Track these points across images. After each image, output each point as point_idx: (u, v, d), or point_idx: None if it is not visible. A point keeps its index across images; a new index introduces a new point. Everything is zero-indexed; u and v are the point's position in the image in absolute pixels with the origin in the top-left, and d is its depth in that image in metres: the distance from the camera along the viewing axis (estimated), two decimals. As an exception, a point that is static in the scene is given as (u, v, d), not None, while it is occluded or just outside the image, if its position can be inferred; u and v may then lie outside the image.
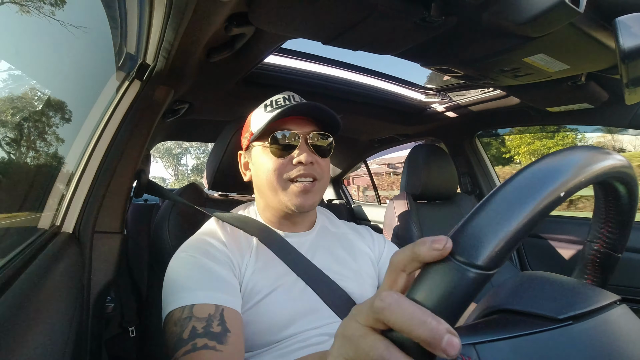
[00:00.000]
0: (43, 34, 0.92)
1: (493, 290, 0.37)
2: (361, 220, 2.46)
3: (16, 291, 0.39)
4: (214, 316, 0.58)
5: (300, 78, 1.27)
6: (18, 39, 0.87)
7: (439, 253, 0.24)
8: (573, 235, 1.44)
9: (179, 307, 0.59)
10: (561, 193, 0.25)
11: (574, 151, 0.29)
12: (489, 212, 0.25)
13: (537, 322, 0.30)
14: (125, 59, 0.91)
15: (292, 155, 0.72)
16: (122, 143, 0.79)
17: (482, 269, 0.23)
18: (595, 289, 0.35)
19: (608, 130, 1.87)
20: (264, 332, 0.66)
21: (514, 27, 0.70)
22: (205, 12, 0.64)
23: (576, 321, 0.29)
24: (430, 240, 0.25)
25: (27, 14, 0.84)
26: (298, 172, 0.71)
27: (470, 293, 0.23)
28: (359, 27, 0.76)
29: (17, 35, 0.87)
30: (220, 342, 0.55)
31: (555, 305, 0.31)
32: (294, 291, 0.70)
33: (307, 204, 0.72)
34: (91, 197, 0.74)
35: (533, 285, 0.35)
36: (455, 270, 0.24)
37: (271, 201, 0.75)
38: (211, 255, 0.68)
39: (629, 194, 0.35)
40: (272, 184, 0.72)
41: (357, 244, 0.86)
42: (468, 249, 0.24)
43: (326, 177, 0.77)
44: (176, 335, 0.57)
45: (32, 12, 0.84)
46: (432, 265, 0.25)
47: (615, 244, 0.39)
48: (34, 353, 0.35)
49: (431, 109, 1.62)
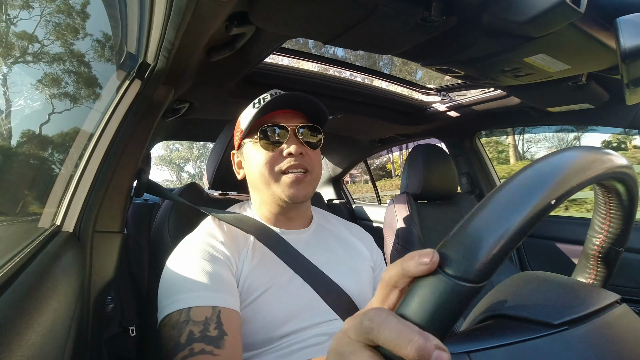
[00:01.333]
0: (44, 33, 0.92)
1: (489, 294, 0.36)
2: (362, 220, 2.46)
3: (16, 290, 0.39)
4: (211, 319, 0.58)
5: (300, 77, 1.27)
6: (19, 39, 0.87)
7: (426, 267, 0.24)
8: (573, 235, 1.44)
9: (177, 310, 0.60)
10: (552, 201, 0.25)
11: (562, 156, 0.28)
12: (477, 223, 0.25)
13: (533, 328, 0.29)
14: (125, 58, 0.91)
15: (282, 148, 0.73)
16: (123, 142, 0.79)
17: (471, 282, 0.23)
18: (594, 290, 0.34)
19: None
20: (262, 330, 0.66)
21: (514, 27, 0.70)
22: (205, 12, 0.64)
23: (572, 326, 0.29)
24: (417, 254, 0.25)
25: (28, 14, 0.84)
26: (289, 164, 0.72)
27: (460, 306, 0.23)
28: (359, 26, 0.76)
29: (18, 35, 0.87)
30: (217, 346, 0.56)
31: (551, 309, 0.30)
32: (291, 288, 0.70)
33: (300, 195, 0.73)
34: (91, 197, 0.74)
35: (530, 288, 0.34)
36: (444, 283, 0.23)
37: (265, 195, 0.76)
38: (208, 254, 0.68)
39: (628, 192, 0.34)
40: (265, 177, 0.73)
41: (354, 243, 0.86)
42: (456, 262, 0.24)
43: (317, 168, 0.77)
44: (174, 339, 0.57)
45: (32, 12, 0.84)
46: (421, 280, 0.25)
47: (618, 238, 0.38)
48: (34, 352, 0.35)
49: (432, 108, 1.61)
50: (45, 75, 0.97)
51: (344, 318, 0.70)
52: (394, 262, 0.27)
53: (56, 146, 0.97)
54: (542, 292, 0.33)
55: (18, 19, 0.83)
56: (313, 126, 0.77)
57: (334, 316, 0.71)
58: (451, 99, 1.54)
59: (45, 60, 0.98)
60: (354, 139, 2.13)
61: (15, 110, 0.88)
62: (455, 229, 0.26)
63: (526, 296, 0.33)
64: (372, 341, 0.24)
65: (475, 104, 1.46)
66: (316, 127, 0.77)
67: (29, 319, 0.37)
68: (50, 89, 1.00)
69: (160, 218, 0.98)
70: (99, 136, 0.77)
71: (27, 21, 0.84)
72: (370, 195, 3.91)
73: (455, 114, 1.58)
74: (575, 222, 1.50)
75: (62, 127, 0.98)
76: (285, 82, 1.27)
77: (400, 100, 1.54)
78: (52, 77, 1.00)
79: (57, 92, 0.99)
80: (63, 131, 0.97)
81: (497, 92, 1.36)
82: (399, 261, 0.26)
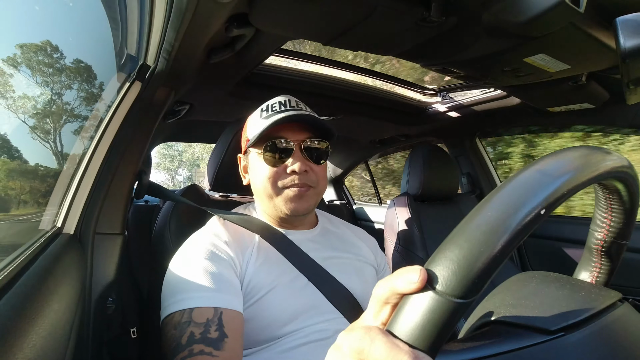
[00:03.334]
0: (45, 35, 0.92)
1: (489, 296, 0.36)
2: (362, 221, 2.46)
3: (17, 292, 0.39)
4: (212, 321, 0.59)
5: (300, 79, 1.27)
6: (20, 41, 0.87)
7: (415, 285, 0.24)
8: (574, 235, 1.43)
9: (179, 310, 0.60)
10: (542, 210, 0.24)
11: (546, 163, 0.27)
12: (464, 238, 0.24)
13: (529, 335, 0.29)
14: (126, 60, 0.91)
15: (286, 164, 0.73)
16: (123, 144, 0.79)
17: (461, 298, 0.23)
18: (593, 290, 0.33)
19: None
20: (266, 328, 0.66)
21: (514, 27, 0.70)
22: (205, 13, 0.64)
23: (569, 331, 0.28)
24: (406, 271, 0.25)
25: (29, 15, 0.84)
26: (292, 182, 0.72)
27: (450, 322, 0.23)
28: (359, 27, 0.76)
29: (18, 37, 0.87)
30: (216, 347, 0.56)
31: (549, 315, 0.30)
32: (295, 288, 0.70)
33: (302, 209, 0.73)
34: (92, 199, 0.74)
35: (528, 291, 0.34)
36: (433, 300, 0.23)
37: (267, 207, 0.77)
38: (212, 255, 0.68)
39: (628, 189, 0.34)
40: (267, 191, 0.73)
41: (358, 245, 0.86)
42: (444, 279, 0.23)
43: (322, 183, 0.77)
44: (175, 340, 0.58)
45: (33, 14, 0.85)
46: (410, 297, 0.24)
47: (621, 231, 0.37)
48: (36, 354, 0.35)
49: (432, 109, 1.61)
50: (45, 77, 0.97)
51: (349, 318, 0.71)
52: (385, 278, 0.27)
53: (57, 148, 0.97)
54: (540, 296, 0.33)
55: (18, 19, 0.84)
56: (319, 141, 0.76)
57: (337, 314, 0.71)
58: (451, 99, 1.53)
59: (45, 62, 0.98)
60: (354, 140, 2.13)
61: (16, 111, 0.88)
62: (442, 244, 0.25)
63: (523, 300, 0.33)
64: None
65: (475, 104, 1.46)
66: (323, 141, 0.77)
67: (31, 320, 0.37)
68: (50, 90, 1.00)
69: (161, 219, 0.98)
70: (100, 138, 0.78)
71: (27, 21, 0.84)
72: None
73: (456, 114, 1.58)
74: (577, 222, 1.49)
75: (63, 129, 0.98)
76: (285, 83, 1.26)
77: (401, 101, 1.54)
78: (53, 78, 1.00)
79: (57, 94, 1.00)
80: (64, 133, 0.97)
81: (497, 92, 1.36)
82: (389, 278, 0.26)
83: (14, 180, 0.80)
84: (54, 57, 1.00)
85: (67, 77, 1.06)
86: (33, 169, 0.90)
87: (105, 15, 0.84)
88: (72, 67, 1.07)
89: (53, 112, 0.98)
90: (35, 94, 0.95)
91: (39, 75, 0.95)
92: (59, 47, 0.98)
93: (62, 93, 1.02)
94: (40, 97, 0.97)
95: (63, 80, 1.04)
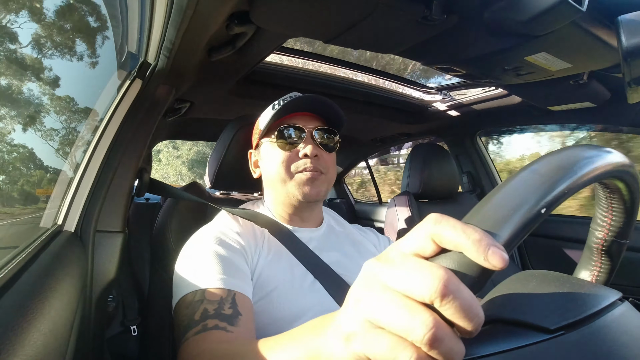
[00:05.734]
0: (45, 34, 0.92)
1: (488, 295, 0.36)
2: (363, 220, 2.46)
3: (18, 290, 0.39)
4: (226, 299, 0.59)
5: (301, 77, 1.27)
6: (20, 40, 0.87)
7: (489, 266, 0.23)
8: (575, 234, 1.44)
9: (191, 291, 0.60)
10: (542, 210, 0.24)
11: (553, 159, 0.27)
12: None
13: (530, 333, 0.29)
14: (126, 57, 0.91)
15: (298, 149, 0.75)
16: (124, 142, 0.79)
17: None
18: (593, 289, 0.33)
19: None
20: (272, 325, 0.66)
21: (515, 25, 0.70)
22: (206, 11, 0.64)
23: (569, 330, 0.28)
24: (488, 245, 0.23)
25: (30, 14, 0.84)
26: (305, 165, 0.74)
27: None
28: (360, 25, 0.76)
29: (19, 36, 0.87)
30: (231, 323, 0.56)
31: (549, 313, 0.30)
32: (303, 285, 0.71)
33: (314, 192, 0.75)
34: (93, 196, 0.74)
35: (527, 289, 0.34)
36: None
37: (279, 194, 0.78)
38: (224, 243, 0.69)
39: (629, 188, 0.34)
40: (281, 175, 0.75)
41: (363, 243, 0.88)
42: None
43: (332, 170, 0.80)
44: (188, 317, 0.58)
45: (34, 13, 0.84)
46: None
47: (621, 230, 0.37)
48: (37, 352, 0.35)
49: (433, 107, 1.61)
50: (46, 76, 0.97)
51: None
52: (458, 228, 0.24)
53: (57, 146, 0.97)
54: (540, 294, 0.33)
55: (18, 19, 0.83)
56: (329, 129, 0.79)
57: None
58: (452, 97, 1.53)
59: (46, 60, 0.98)
60: (354, 138, 2.13)
61: (16, 111, 0.88)
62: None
63: (523, 299, 0.33)
64: (434, 244, 0.25)
65: (476, 102, 1.46)
66: (332, 131, 0.80)
67: (31, 318, 0.37)
68: (51, 89, 1.00)
69: (162, 217, 0.98)
70: (100, 136, 0.78)
71: (27, 22, 0.84)
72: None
73: (456, 113, 1.58)
74: (577, 221, 1.49)
75: (63, 127, 0.98)
76: (286, 81, 1.26)
77: (401, 100, 1.54)
78: (53, 77, 1.00)
79: (57, 92, 0.99)
80: (65, 131, 0.97)
81: (498, 90, 1.35)
82: (465, 238, 0.23)
83: (14, 178, 0.81)
84: (55, 54, 1.00)
85: (67, 75, 1.05)
86: (34, 167, 0.90)
87: (105, 13, 0.84)
88: (73, 64, 1.06)
89: (54, 110, 0.98)
90: (35, 92, 0.95)
91: (40, 73, 0.95)
92: (59, 45, 0.97)
93: (62, 90, 1.02)
94: (40, 96, 0.97)
95: (64, 78, 1.04)
